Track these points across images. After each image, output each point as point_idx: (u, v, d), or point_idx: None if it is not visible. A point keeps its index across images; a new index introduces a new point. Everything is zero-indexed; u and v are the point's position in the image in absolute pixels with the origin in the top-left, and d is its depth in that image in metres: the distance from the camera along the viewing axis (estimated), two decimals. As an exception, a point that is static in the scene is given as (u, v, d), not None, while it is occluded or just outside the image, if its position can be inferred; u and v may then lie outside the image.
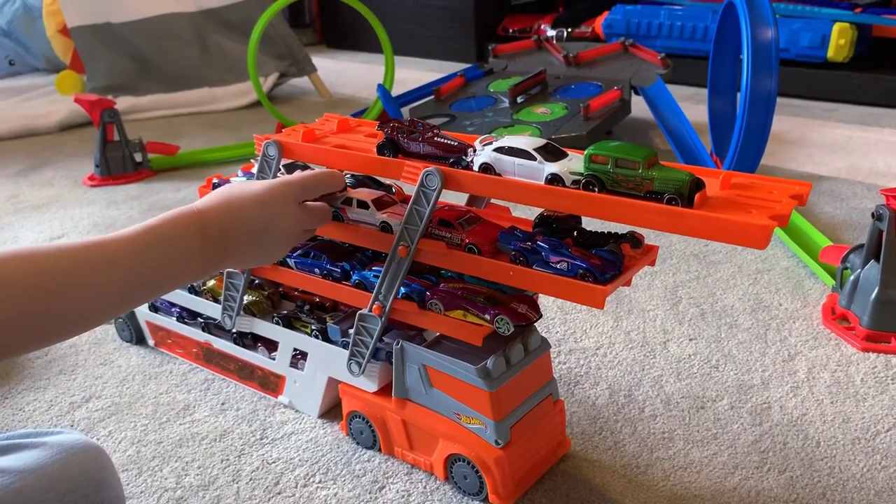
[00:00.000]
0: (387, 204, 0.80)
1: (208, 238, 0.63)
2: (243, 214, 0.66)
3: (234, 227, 0.65)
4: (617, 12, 2.77)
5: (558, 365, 1.01)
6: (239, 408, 0.94)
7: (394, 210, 0.79)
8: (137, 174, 1.89)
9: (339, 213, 0.81)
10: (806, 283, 1.22)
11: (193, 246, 0.62)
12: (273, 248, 0.69)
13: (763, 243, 0.58)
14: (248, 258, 0.69)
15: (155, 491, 0.80)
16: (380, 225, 0.78)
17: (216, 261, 0.64)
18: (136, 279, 0.57)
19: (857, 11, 2.39)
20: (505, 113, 1.96)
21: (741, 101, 1.50)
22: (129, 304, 0.59)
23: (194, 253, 0.62)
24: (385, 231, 0.78)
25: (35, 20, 2.98)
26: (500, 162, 0.70)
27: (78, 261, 0.53)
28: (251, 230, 0.66)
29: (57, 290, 0.51)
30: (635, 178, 0.63)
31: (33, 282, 0.50)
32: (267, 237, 0.67)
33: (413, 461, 0.82)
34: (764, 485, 0.79)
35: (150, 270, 0.59)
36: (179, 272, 0.61)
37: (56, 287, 0.51)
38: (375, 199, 0.80)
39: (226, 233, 0.64)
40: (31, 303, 0.50)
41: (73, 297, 0.52)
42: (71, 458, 0.60)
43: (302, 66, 2.76)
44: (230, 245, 0.64)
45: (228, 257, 0.65)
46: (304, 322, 0.91)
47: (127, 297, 0.57)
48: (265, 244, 0.68)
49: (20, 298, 0.49)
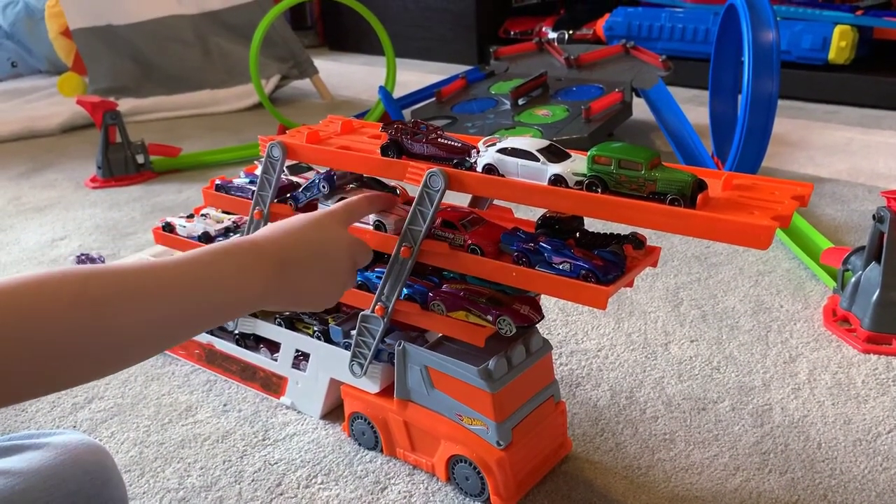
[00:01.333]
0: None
1: (265, 258, 0.56)
2: (300, 235, 0.61)
3: (290, 245, 0.59)
4: (618, 15, 2.77)
5: (560, 366, 1.01)
6: (241, 409, 0.94)
7: (397, 211, 0.79)
8: (139, 176, 1.89)
9: None
10: (807, 285, 1.22)
11: (251, 267, 0.55)
12: (330, 280, 0.63)
13: (765, 244, 0.58)
14: (307, 285, 0.61)
15: (157, 492, 0.80)
16: (373, 224, 0.79)
17: (276, 285, 0.57)
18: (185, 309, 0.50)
19: (859, 14, 2.39)
20: (506, 115, 1.96)
21: (742, 103, 1.51)
22: (178, 334, 0.51)
23: (253, 276, 0.55)
24: (378, 230, 0.78)
25: (37, 22, 2.98)
26: (504, 163, 0.70)
27: (125, 284, 0.47)
28: (309, 252, 0.61)
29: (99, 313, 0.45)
30: (638, 179, 0.63)
31: (73, 300, 0.44)
32: (326, 261, 0.62)
33: (415, 462, 0.82)
34: (765, 486, 0.79)
35: (201, 299, 0.51)
36: (231, 303, 0.54)
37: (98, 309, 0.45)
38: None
39: (284, 251, 0.58)
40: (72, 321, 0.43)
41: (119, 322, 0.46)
42: (75, 458, 0.60)
43: (303, 68, 2.76)
44: (289, 266, 0.58)
45: (287, 281, 0.58)
46: (307, 323, 0.91)
47: (176, 326, 0.50)
48: (324, 272, 0.62)
49: (61, 316, 0.43)
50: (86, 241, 1.50)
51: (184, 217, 1.03)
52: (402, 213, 0.78)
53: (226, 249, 0.55)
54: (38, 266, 1.37)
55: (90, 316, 0.44)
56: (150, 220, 1.60)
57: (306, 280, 0.60)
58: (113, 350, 0.46)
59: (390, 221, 0.78)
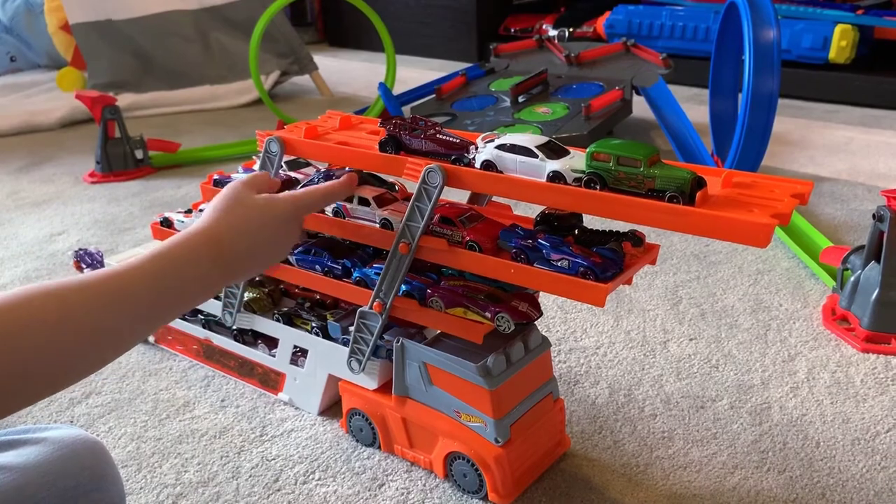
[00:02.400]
0: (388, 201, 0.80)
1: (221, 260, 0.63)
2: (252, 238, 0.66)
3: (243, 251, 0.66)
4: (619, 12, 2.77)
5: (558, 364, 1.01)
6: (239, 405, 0.94)
7: (395, 207, 0.79)
8: (138, 171, 1.89)
9: (341, 210, 0.81)
10: (806, 283, 1.22)
11: (207, 268, 0.62)
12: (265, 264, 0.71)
13: (764, 242, 0.58)
14: (245, 276, 0.72)
15: (154, 487, 0.80)
16: (380, 222, 0.78)
17: (224, 281, 0.65)
18: (157, 307, 0.58)
19: (859, 13, 2.39)
20: (506, 112, 1.96)
21: (743, 101, 1.50)
22: (151, 328, 0.60)
23: (209, 276, 0.62)
24: (385, 228, 0.78)
25: (37, 16, 2.98)
26: (502, 159, 0.70)
27: (100, 293, 0.53)
28: (256, 253, 0.67)
29: (83, 324, 0.51)
30: (637, 176, 0.63)
31: (59, 317, 0.50)
32: (267, 258, 0.70)
33: (413, 459, 0.82)
34: (763, 485, 0.79)
35: (170, 295, 0.59)
36: (196, 294, 0.62)
37: (82, 321, 0.51)
38: (377, 196, 0.80)
39: (237, 256, 0.65)
40: (60, 337, 0.50)
41: (99, 328, 0.53)
42: (72, 453, 0.60)
43: (303, 64, 2.76)
44: (236, 266, 0.66)
45: (233, 277, 0.67)
46: (305, 319, 0.91)
47: (149, 322, 0.58)
48: (263, 262, 0.70)
49: (49, 334, 0.49)
50: (84, 236, 1.50)
51: (182, 212, 1.02)
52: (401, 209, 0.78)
53: (185, 259, 0.61)
54: (37, 260, 1.36)
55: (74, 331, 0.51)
56: (149, 215, 1.60)
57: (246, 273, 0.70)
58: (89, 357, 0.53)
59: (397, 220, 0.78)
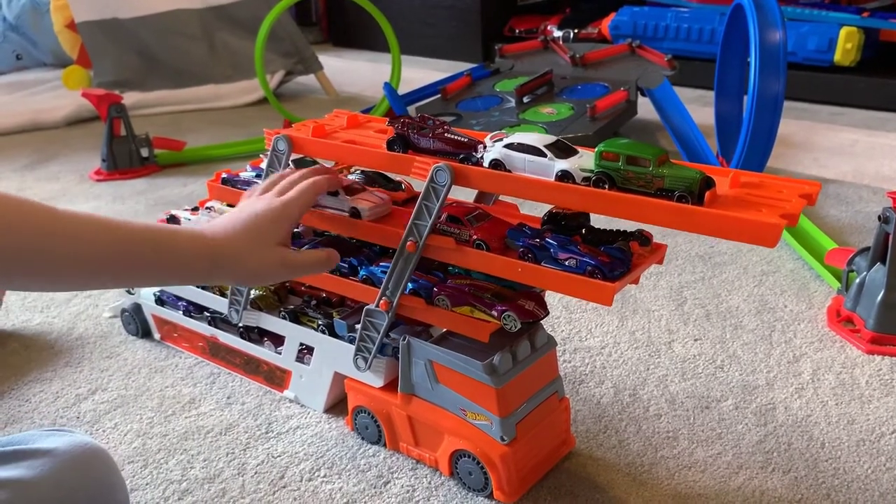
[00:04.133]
0: (356, 191, 0.82)
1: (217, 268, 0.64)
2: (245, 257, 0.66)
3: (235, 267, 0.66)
4: (624, 14, 2.77)
5: (563, 363, 1.01)
6: (244, 402, 0.94)
7: (363, 196, 0.80)
8: (144, 169, 1.89)
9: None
10: (811, 285, 1.22)
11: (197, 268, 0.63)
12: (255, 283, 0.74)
13: (773, 242, 0.58)
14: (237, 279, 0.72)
15: (160, 483, 0.81)
16: (349, 210, 0.79)
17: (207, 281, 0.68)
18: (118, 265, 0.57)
19: (865, 16, 2.39)
20: (511, 112, 1.96)
21: (748, 103, 1.50)
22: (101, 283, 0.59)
23: (195, 274, 0.64)
24: (354, 217, 0.79)
25: (43, 15, 2.98)
26: (511, 158, 0.70)
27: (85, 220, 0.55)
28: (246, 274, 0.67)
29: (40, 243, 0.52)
30: (646, 176, 0.63)
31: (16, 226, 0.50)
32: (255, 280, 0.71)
33: (418, 457, 0.82)
34: (768, 485, 0.79)
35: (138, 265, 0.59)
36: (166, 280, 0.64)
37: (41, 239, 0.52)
38: (346, 185, 0.81)
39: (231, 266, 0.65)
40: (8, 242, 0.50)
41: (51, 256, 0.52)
42: (82, 465, 0.60)
43: (308, 64, 2.76)
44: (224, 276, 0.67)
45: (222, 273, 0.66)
46: (311, 317, 0.91)
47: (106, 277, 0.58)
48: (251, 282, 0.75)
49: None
50: (90, 234, 1.50)
51: (188, 210, 1.03)
52: (375, 200, 0.80)
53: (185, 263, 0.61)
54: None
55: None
56: (154, 213, 1.60)
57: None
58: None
59: (365, 208, 0.79)
